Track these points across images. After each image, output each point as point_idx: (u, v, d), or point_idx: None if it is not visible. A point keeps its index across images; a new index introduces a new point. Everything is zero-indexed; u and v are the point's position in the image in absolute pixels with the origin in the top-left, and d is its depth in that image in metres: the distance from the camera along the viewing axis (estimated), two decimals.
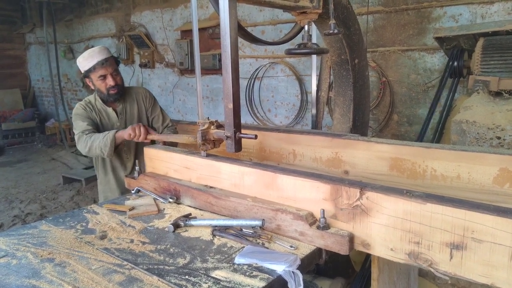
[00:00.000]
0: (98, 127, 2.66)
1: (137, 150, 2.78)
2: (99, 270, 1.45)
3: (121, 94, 2.68)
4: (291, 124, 5.37)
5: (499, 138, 2.48)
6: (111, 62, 2.58)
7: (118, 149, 2.66)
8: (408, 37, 4.12)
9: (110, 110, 2.70)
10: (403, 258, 1.39)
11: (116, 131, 2.45)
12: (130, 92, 2.79)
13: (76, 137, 2.58)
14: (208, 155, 2.03)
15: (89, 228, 1.83)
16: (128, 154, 2.76)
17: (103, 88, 2.58)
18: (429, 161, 1.91)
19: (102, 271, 1.44)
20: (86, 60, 2.52)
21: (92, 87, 2.66)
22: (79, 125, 2.60)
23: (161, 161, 2.26)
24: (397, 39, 4.20)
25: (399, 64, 4.22)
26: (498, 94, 2.79)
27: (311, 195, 1.61)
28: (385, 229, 1.42)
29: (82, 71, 2.59)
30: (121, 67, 7.42)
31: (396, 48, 4.21)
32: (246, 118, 5.78)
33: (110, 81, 2.56)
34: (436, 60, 3.97)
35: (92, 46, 8.55)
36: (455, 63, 3.37)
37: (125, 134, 2.40)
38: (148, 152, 2.33)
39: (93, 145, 2.45)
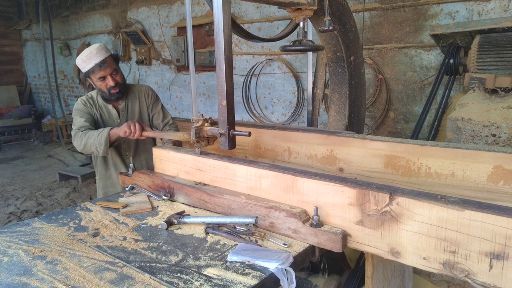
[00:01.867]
0: (97, 123, 2.64)
1: (137, 147, 2.76)
2: (91, 267, 1.44)
3: (123, 92, 2.63)
4: (288, 121, 5.36)
5: (494, 135, 2.47)
6: (110, 62, 2.51)
7: (117, 145, 2.66)
8: (405, 34, 4.11)
9: (110, 107, 2.68)
10: (437, 268, 1.32)
11: (111, 128, 2.42)
12: (132, 90, 2.76)
13: (72, 133, 2.56)
14: (222, 157, 1.96)
15: (82, 226, 1.82)
16: (128, 151, 2.74)
17: (104, 88, 2.55)
18: (424, 159, 1.91)
19: (93, 269, 1.43)
20: (84, 62, 2.48)
21: (94, 86, 2.63)
22: (76, 121, 2.58)
23: (171, 162, 2.17)
24: (394, 36, 4.19)
25: (396, 62, 4.22)
26: (493, 91, 2.79)
27: (334, 200, 1.53)
28: (418, 237, 1.34)
29: (82, 72, 2.57)
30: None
31: (393, 45, 4.20)
32: (242, 115, 5.77)
33: (110, 82, 2.52)
34: (433, 58, 3.97)
35: (89, 43, 8.55)
36: (451, 61, 3.37)
37: (120, 131, 2.38)
38: (158, 153, 2.25)
39: (88, 142, 2.43)
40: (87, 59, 2.47)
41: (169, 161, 2.19)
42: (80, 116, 2.60)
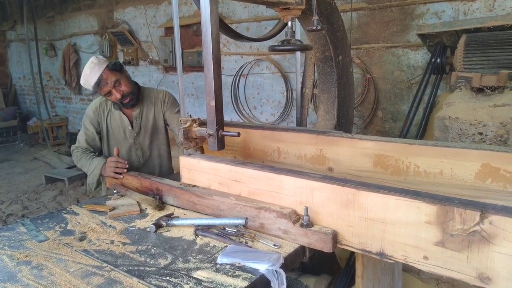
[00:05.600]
0: (103, 132, 2.59)
1: (151, 152, 2.68)
2: (77, 272, 1.41)
3: (136, 99, 2.54)
4: (277, 121, 5.36)
5: (481, 134, 2.50)
6: (107, 76, 2.37)
7: (129, 151, 2.62)
8: (392, 34, 4.13)
9: (122, 113, 2.60)
10: None
11: (102, 164, 2.38)
12: (149, 95, 2.65)
13: (71, 150, 2.58)
14: (264, 166, 1.80)
15: (68, 230, 1.78)
16: (141, 158, 2.67)
17: (114, 100, 2.48)
18: (412, 157, 1.91)
19: (80, 274, 1.40)
20: (85, 85, 2.42)
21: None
22: (80, 135, 2.58)
23: (202, 172, 1.99)
24: (381, 36, 4.21)
25: (383, 61, 4.24)
26: (480, 90, 2.81)
27: (407, 218, 1.34)
28: None
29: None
30: None
31: (380, 45, 4.22)
32: (231, 115, 5.74)
33: (116, 95, 2.43)
34: (420, 57, 4.00)
35: (75, 44, 8.41)
36: (438, 60, 3.40)
37: (106, 174, 2.35)
38: (186, 162, 2.04)
39: (82, 169, 2.52)
40: (85, 81, 2.40)
41: (199, 171, 2.00)
42: (84, 130, 2.57)
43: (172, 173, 2.84)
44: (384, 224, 1.39)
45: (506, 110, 2.48)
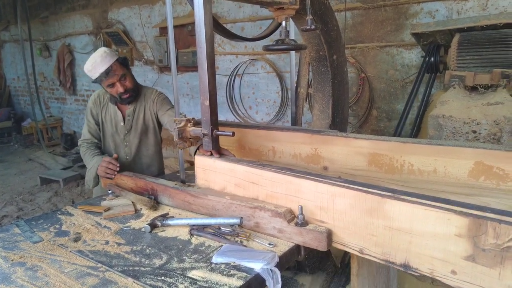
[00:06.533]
0: (100, 123, 2.65)
1: (139, 150, 2.69)
2: (72, 273, 1.41)
3: (134, 96, 2.57)
4: (272, 121, 5.36)
5: (474, 132, 2.51)
6: (116, 69, 2.41)
7: (117, 148, 2.66)
8: (386, 33, 4.15)
9: (116, 108, 2.62)
10: None
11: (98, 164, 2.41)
12: (144, 93, 2.67)
13: (78, 144, 2.67)
14: (283, 168, 1.72)
15: (63, 230, 1.78)
16: (129, 155, 2.68)
17: (115, 94, 2.49)
18: (406, 156, 1.92)
19: (75, 274, 1.39)
20: (90, 72, 2.42)
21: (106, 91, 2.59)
22: (84, 129, 2.65)
23: (218, 173, 1.91)
24: (376, 35, 4.23)
25: (378, 60, 4.26)
26: (473, 89, 2.83)
27: (436, 229, 1.26)
28: None
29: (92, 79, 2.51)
30: None
31: (375, 44, 4.23)
32: (227, 115, 5.74)
33: (119, 89, 2.45)
34: (414, 56, 4.02)
35: (69, 44, 8.37)
36: (432, 59, 3.41)
37: (99, 173, 2.38)
38: (202, 161, 1.97)
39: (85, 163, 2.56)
40: (92, 68, 2.40)
41: (215, 172, 1.93)
42: (87, 122, 2.64)
43: (163, 174, 2.85)
44: (410, 235, 1.32)
45: (499, 108, 2.50)
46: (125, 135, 2.63)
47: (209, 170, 1.95)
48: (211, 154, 1.90)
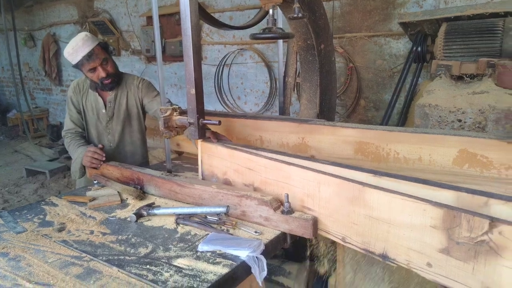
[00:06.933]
0: (81, 111, 2.60)
1: (122, 138, 2.65)
2: (56, 263, 1.39)
3: (116, 82, 2.52)
4: (261, 111, 5.35)
5: (460, 120, 2.54)
6: (98, 52, 2.37)
7: (100, 136, 2.62)
8: (374, 23, 4.15)
9: (97, 95, 2.58)
10: None
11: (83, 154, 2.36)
12: (125, 80, 2.64)
13: (62, 135, 2.62)
14: (276, 153, 1.73)
15: (47, 221, 1.76)
16: (112, 143, 2.64)
17: (96, 79, 2.44)
18: (392, 144, 1.93)
19: (59, 264, 1.38)
20: (71, 56, 2.37)
21: (86, 77, 2.53)
22: (66, 120, 2.60)
23: (220, 158, 1.92)
24: (364, 25, 4.22)
25: (366, 50, 4.26)
26: (459, 78, 2.85)
27: (412, 220, 1.26)
28: None
29: (72, 64, 2.46)
30: None
31: (363, 34, 4.23)
32: (215, 106, 5.71)
33: (101, 73, 2.40)
34: (401, 46, 4.03)
35: (54, 34, 8.19)
36: (419, 48, 3.42)
37: (84, 163, 2.35)
38: (206, 148, 1.98)
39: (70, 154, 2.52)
40: (73, 51, 2.35)
41: (218, 157, 1.94)
42: (68, 111, 2.59)
43: (147, 163, 2.83)
44: (388, 225, 1.32)
45: (484, 97, 2.52)
46: (107, 122, 2.59)
47: (212, 155, 1.96)
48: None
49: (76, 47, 2.34)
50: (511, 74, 2.55)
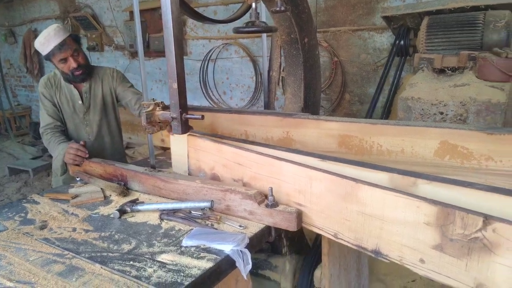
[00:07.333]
0: (57, 106, 2.57)
1: (100, 129, 2.65)
2: (37, 261, 1.37)
3: (87, 73, 2.53)
4: (247, 106, 5.34)
5: (442, 113, 2.57)
6: (70, 43, 2.39)
7: (77, 129, 2.60)
8: (358, 17, 4.17)
9: (72, 87, 2.57)
10: None
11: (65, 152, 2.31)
12: (97, 72, 2.66)
13: (40, 132, 2.53)
14: (267, 146, 1.72)
15: (28, 219, 1.73)
16: (90, 135, 2.63)
17: (67, 70, 2.44)
18: (375, 137, 1.95)
19: (40, 262, 1.36)
20: (43, 45, 2.36)
21: (57, 69, 2.52)
22: (43, 116, 2.53)
23: (207, 153, 1.89)
24: (348, 19, 4.24)
25: (350, 44, 4.28)
26: (441, 71, 2.89)
27: (406, 217, 1.26)
28: None
29: (42, 55, 2.45)
30: None
31: (347, 28, 4.25)
32: (201, 101, 5.68)
33: (72, 64, 2.41)
34: (385, 40, 4.06)
35: (35, 29, 8.04)
36: (402, 42, 3.45)
37: (67, 160, 2.30)
38: (194, 142, 1.94)
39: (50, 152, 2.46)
40: (45, 41, 2.35)
41: (205, 152, 1.90)
42: (43, 107, 2.53)
43: (125, 153, 2.84)
44: (381, 221, 1.32)
45: (465, 89, 2.56)
46: (84, 114, 2.59)
47: (200, 150, 1.93)
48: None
49: (48, 37, 2.34)
50: (492, 67, 2.59)
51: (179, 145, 2.01)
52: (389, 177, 1.39)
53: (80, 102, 2.56)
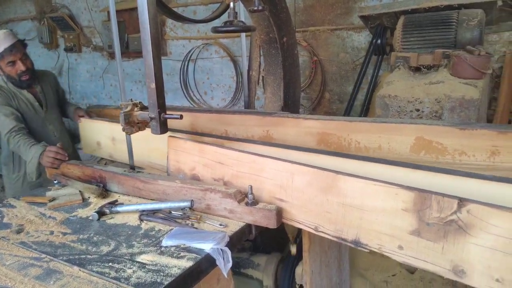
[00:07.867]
0: (19, 112, 2.59)
1: (63, 126, 2.90)
2: (14, 265, 1.35)
3: (33, 78, 2.65)
4: (228, 106, 5.33)
5: (418, 110, 2.63)
6: (19, 47, 2.52)
7: (42, 129, 2.68)
8: (336, 16, 4.21)
9: (25, 92, 2.66)
10: None
11: (41, 153, 2.28)
12: (44, 74, 2.85)
13: (5, 139, 2.44)
14: (246, 140, 1.76)
15: (4, 223, 1.70)
16: (56, 132, 2.78)
17: (14, 74, 2.54)
18: (353, 134, 1.98)
19: (17, 266, 1.34)
20: None
21: (2, 73, 2.53)
22: (4, 120, 2.45)
23: (188, 154, 1.89)
24: (326, 19, 4.28)
25: (329, 43, 4.32)
26: (417, 69, 2.95)
27: (385, 204, 1.29)
28: (491, 253, 1.11)
29: None
30: (45, 52, 6.93)
31: (326, 27, 4.29)
32: (182, 101, 5.65)
33: (20, 67, 2.52)
34: (363, 39, 4.11)
35: (11, 31, 7.84)
36: (379, 41, 3.51)
37: (44, 163, 2.26)
38: (173, 143, 1.94)
39: (22, 156, 2.44)
40: None
41: (185, 152, 1.90)
42: (3, 112, 2.47)
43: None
44: (361, 211, 1.35)
45: (440, 87, 2.62)
46: (45, 113, 2.72)
47: (180, 151, 1.92)
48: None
49: None
50: (465, 64, 2.66)
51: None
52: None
53: (37, 103, 2.68)
